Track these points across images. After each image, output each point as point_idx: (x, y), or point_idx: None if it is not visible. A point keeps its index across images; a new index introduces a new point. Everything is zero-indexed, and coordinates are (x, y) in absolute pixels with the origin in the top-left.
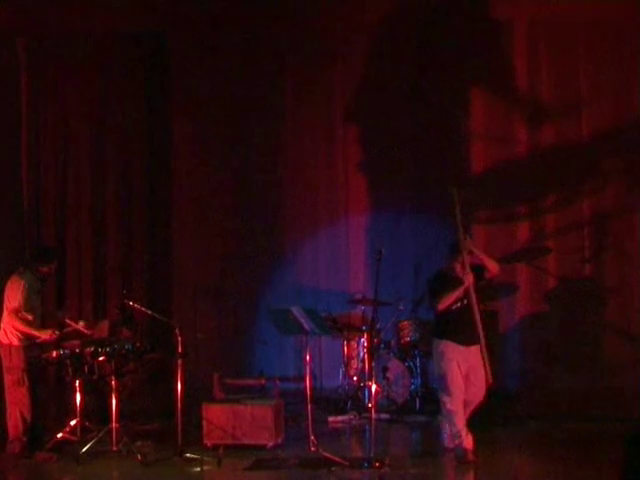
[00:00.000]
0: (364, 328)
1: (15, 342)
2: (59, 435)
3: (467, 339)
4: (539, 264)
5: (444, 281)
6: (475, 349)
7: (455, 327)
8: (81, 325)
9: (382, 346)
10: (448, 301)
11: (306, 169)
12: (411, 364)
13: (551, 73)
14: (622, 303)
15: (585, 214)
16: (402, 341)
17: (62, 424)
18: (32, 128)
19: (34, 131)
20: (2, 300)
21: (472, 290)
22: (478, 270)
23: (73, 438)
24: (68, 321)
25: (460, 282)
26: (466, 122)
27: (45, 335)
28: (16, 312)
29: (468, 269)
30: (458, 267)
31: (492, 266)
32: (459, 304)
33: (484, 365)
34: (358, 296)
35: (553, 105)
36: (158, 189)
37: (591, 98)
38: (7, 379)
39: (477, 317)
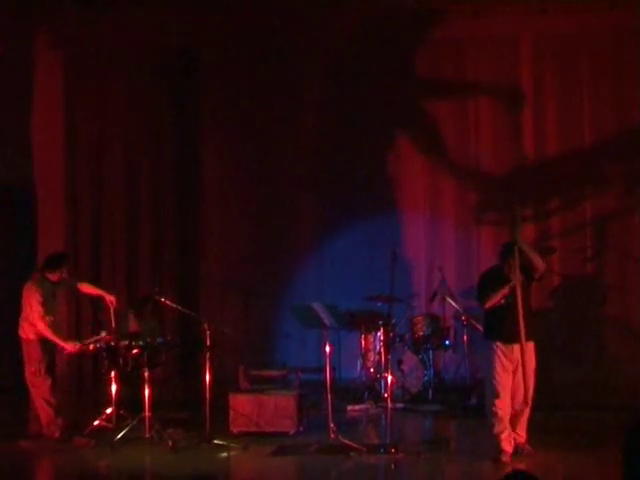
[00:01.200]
0: (380, 323)
1: (31, 337)
2: (96, 422)
3: (510, 337)
4: (545, 263)
5: (494, 279)
6: (518, 347)
7: (499, 325)
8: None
9: (397, 340)
10: (493, 300)
11: (325, 175)
12: (424, 357)
13: (555, 83)
14: (622, 299)
15: (587, 216)
16: (416, 335)
17: (98, 412)
18: (70, 136)
19: (71, 139)
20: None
21: (519, 291)
22: (527, 271)
23: (109, 425)
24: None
25: (507, 281)
26: (475, 130)
27: (68, 346)
28: (40, 319)
29: (517, 270)
30: (506, 268)
31: (539, 264)
32: (503, 301)
33: (522, 364)
34: (375, 293)
35: (557, 114)
36: (187, 193)
37: (593, 106)
38: (27, 371)
39: (520, 317)
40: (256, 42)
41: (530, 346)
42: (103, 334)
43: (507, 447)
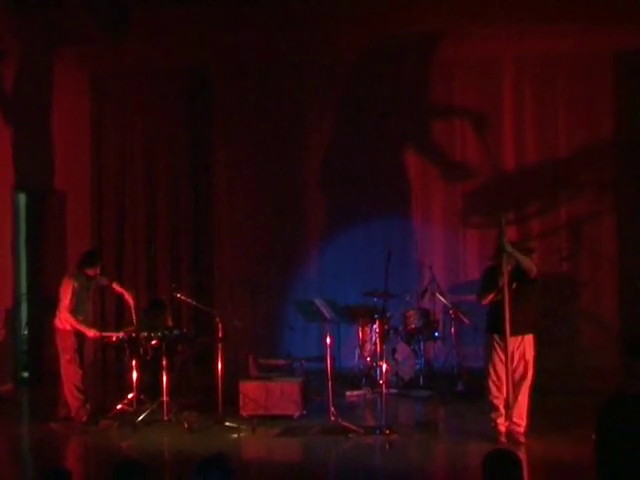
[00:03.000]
0: (376, 316)
1: (68, 327)
2: (119, 406)
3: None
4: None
5: (490, 277)
6: (512, 339)
7: (496, 319)
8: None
9: (391, 332)
10: (486, 299)
11: (327, 183)
12: (416, 347)
13: (534, 100)
14: (594, 294)
15: (563, 220)
16: (408, 328)
17: (121, 397)
18: (95, 148)
19: (97, 151)
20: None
21: (506, 290)
22: (523, 274)
23: (130, 409)
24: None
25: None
26: (462, 143)
27: (90, 332)
28: (68, 309)
29: (506, 272)
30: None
31: (529, 266)
32: (499, 296)
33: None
34: (371, 289)
35: (536, 128)
36: (202, 200)
37: (567, 121)
38: (62, 358)
39: (507, 313)
40: (263, 61)
41: (529, 338)
42: (121, 334)
43: (502, 429)
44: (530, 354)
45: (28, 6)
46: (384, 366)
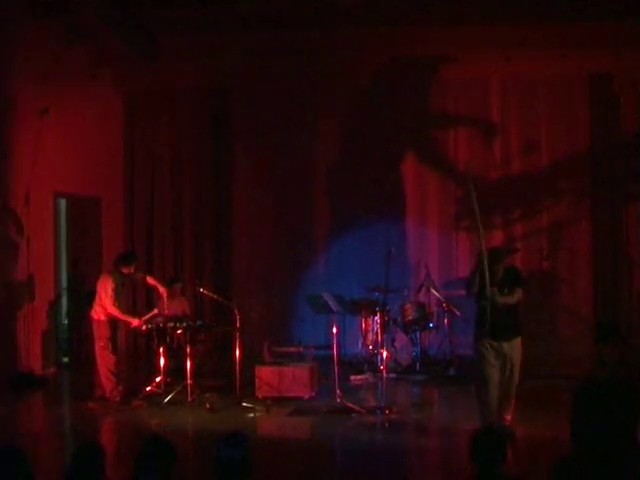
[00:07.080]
0: (377, 309)
1: (102, 318)
2: (148, 389)
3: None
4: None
5: (477, 271)
6: (506, 344)
7: (490, 325)
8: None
9: (391, 322)
10: (472, 289)
11: (335, 190)
12: (412, 336)
13: (518, 115)
14: (572, 290)
15: (544, 223)
16: (406, 319)
17: (150, 380)
18: (128, 159)
19: (129, 161)
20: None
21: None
22: (512, 278)
23: (158, 391)
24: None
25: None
26: (455, 154)
27: (134, 322)
28: (113, 304)
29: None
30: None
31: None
32: (485, 302)
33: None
34: (373, 285)
35: (520, 141)
36: (222, 207)
37: (548, 134)
38: (97, 345)
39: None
40: (278, 84)
41: (519, 341)
42: (155, 311)
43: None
44: (520, 355)
45: (72, 36)
46: (384, 353)
